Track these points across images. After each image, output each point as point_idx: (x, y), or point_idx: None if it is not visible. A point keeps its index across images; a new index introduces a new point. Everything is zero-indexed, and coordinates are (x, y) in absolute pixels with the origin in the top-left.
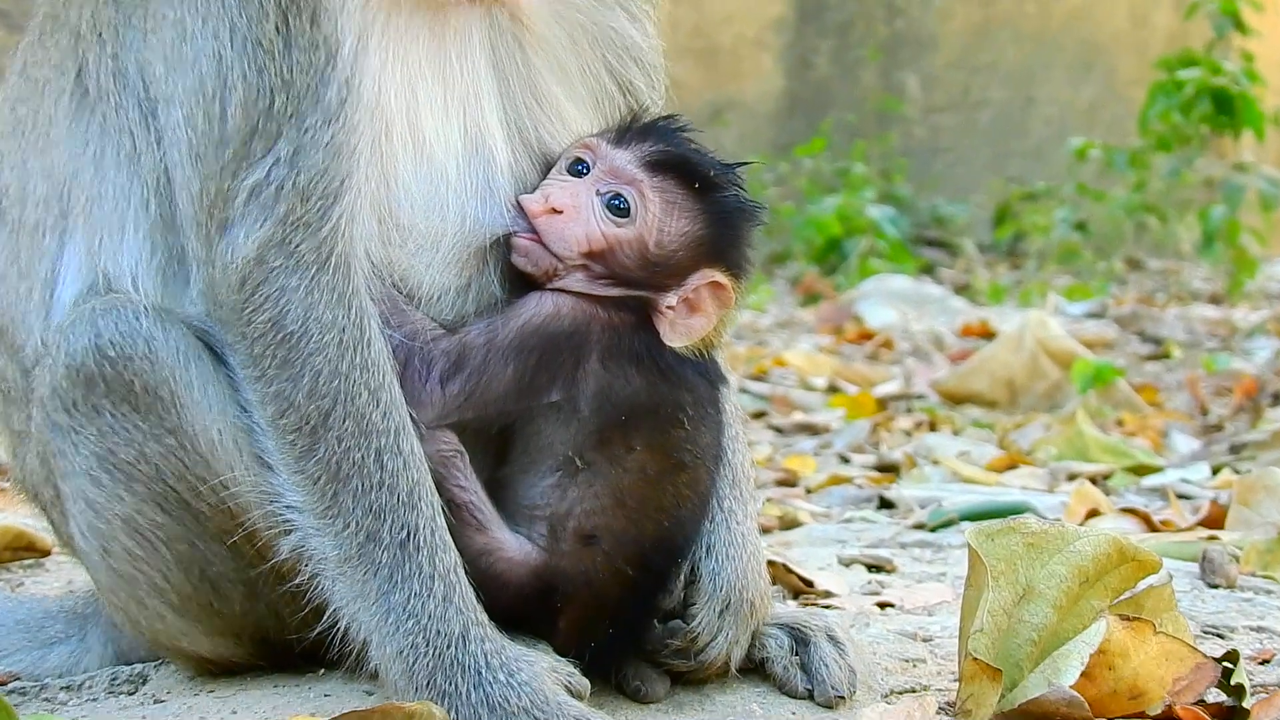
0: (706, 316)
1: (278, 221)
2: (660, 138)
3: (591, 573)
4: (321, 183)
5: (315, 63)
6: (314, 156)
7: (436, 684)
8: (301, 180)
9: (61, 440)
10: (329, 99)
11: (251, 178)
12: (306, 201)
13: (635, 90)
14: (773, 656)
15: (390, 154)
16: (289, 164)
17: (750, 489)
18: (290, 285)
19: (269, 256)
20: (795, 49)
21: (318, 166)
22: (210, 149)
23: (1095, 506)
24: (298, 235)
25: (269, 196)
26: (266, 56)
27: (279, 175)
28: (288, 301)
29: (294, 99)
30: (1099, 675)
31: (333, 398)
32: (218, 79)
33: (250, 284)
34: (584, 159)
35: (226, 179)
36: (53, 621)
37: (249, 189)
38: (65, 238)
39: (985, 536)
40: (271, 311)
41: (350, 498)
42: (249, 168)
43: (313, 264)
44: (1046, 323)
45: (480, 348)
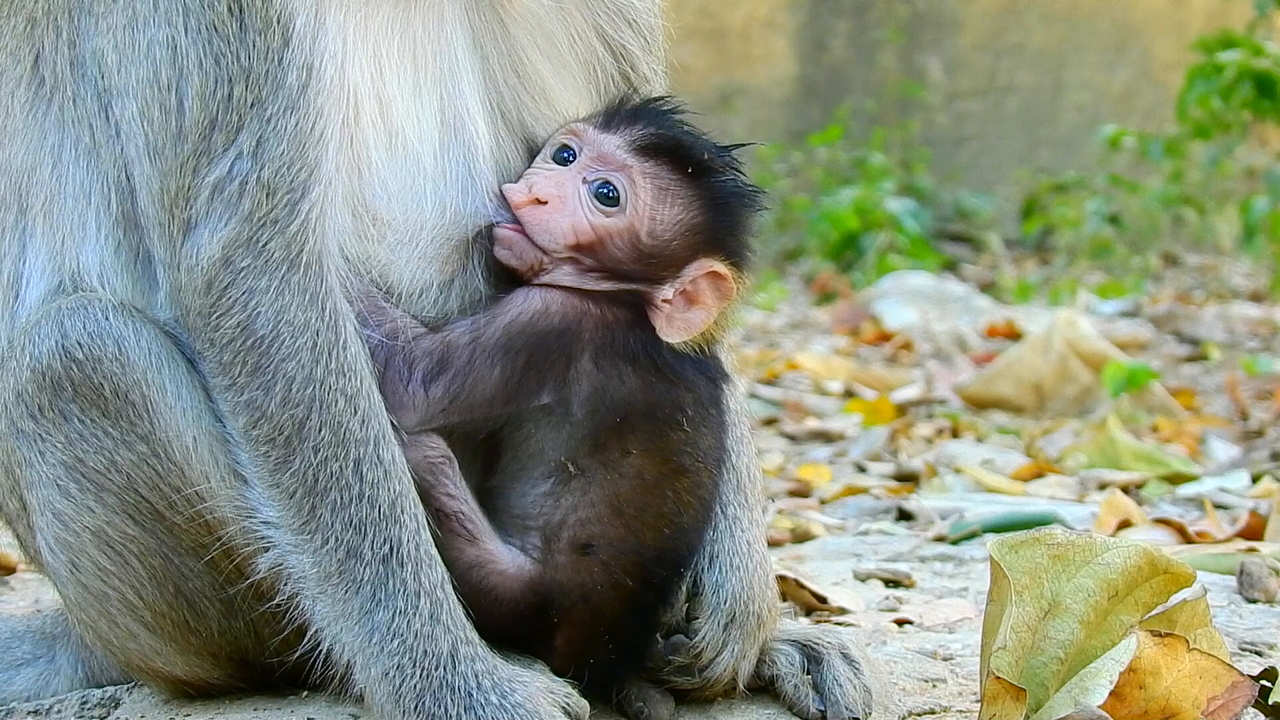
0: (706, 309)
1: (243, 219)
2: (651, 120)
3: (589, 586)
4: (288, 176)
5: (271, 45)
6: (278, 148)
7: (425, 707)
8: (266, 174)
9: (27, 448)
10: (289, 84)
11: (214, 173)
12: (273, 196)
13: (630, 55)
14: (783, 674)
15: (361, 141)
16: (252, 157)
17: (757, 494)
18: (259, 287)
19: (235, 257)
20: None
21: (283, 158)
22: (168, 144)
23: (1127, 517)
24: (265, 233)
25: (233, 193)
26: (222, 41)
27: (242, 169)
28: (257, 304)
29: (253, 86)
30: (1129, 695)
31: (307, 405)
32: (173, 68)
33: (217, 287)
34: (570, 145)
35: (187, 175)
36: (19, 642)
37: (211, 185)
38: (26, 237)
39: (1009, 549)
40: (240, 315)
41: (329, 511)
42: (210, 163)
43: (282, 263)
44: (1076, 323)
45: (465, 347)
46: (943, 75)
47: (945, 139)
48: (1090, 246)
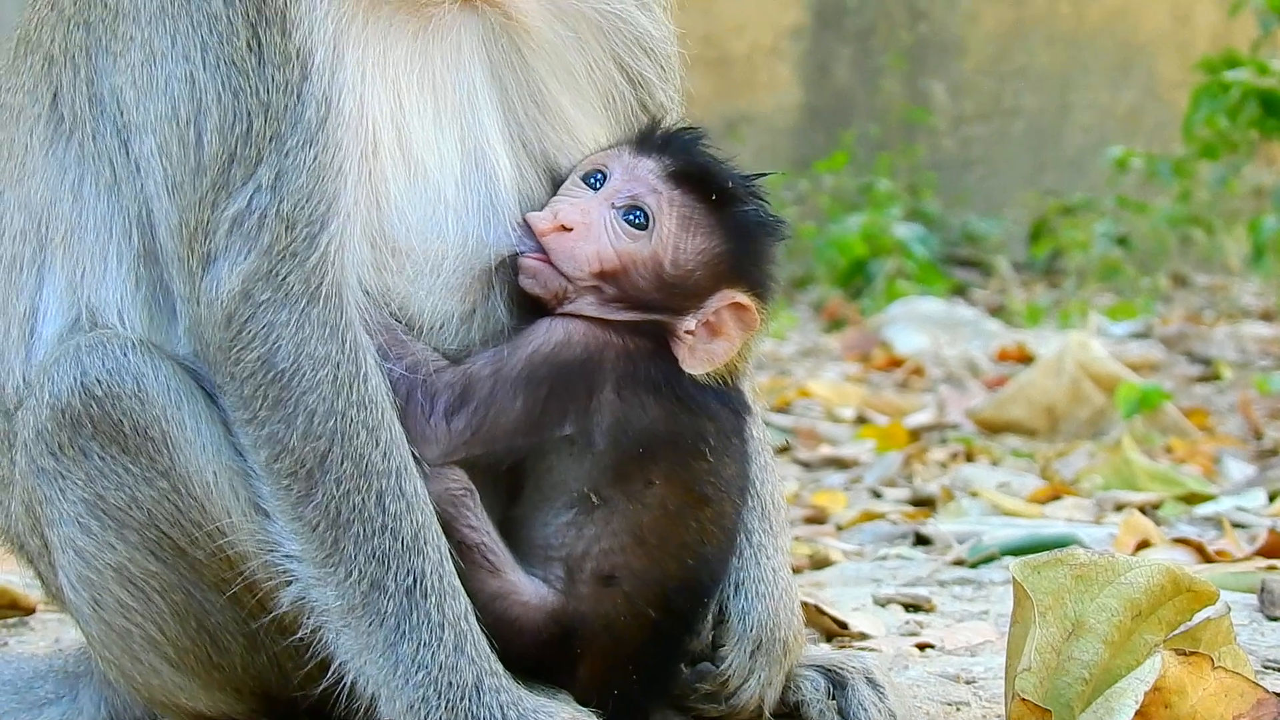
0: (729, 340)
1: (262, 253)
2: (681, 148)
3: (612, 616)
4: (307, 209)
5: (290, 79)
6: (297, 181)
7: None
8: (285, 207)
9: (48, 486)
10: (308, 118)
11: (233, 207)
12: (292, 230)
13: (648, 84)
14: (808, 700)
15: (379, 173)
16: (271, 191)
17: (781, 522)
18: (279, 320)
19: (255, 290)
20: (813, 57)
21: (302, 191)
22: (187, 178)
23: (1146, 537)
24: (284, 266)
25: (252, 226)
26: (241, 76)
27: (261, 203)
28: (277, 338)
29: (272, 120)
30: (1155, 714)
31: (329, 438)
32: (191, 103)
33: (237, 321)
34: (602, 170)
35: (206, 210)
36: (42, 681)
37: (230, 219)
38: (44, 271)
39: (1031, 569)
40: (261, 349)
41: (351, 544)
42: (229, 197)
43: (302, 296)
44: (1088, 345)
45: (487, 379)
46: (948, 99)
47: (951, 163)
48: (1100, 268)
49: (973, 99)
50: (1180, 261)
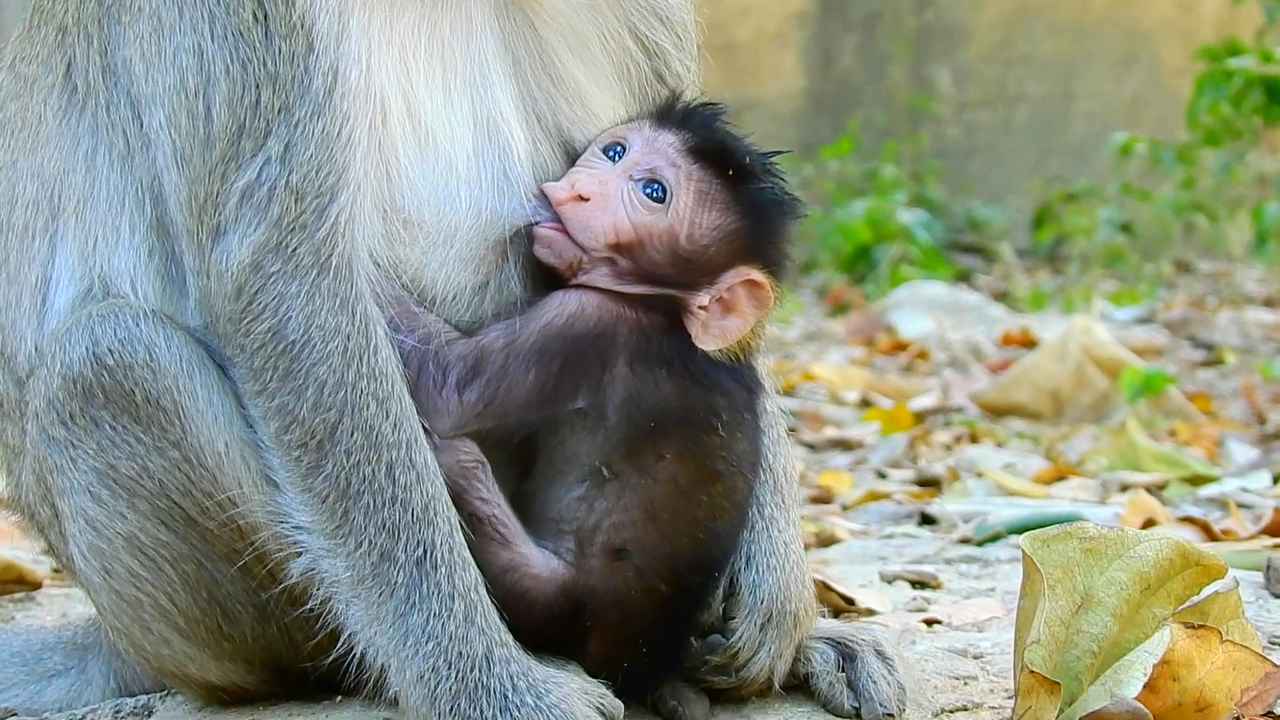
0: (743, 318)
1: (272, 224)
2: (700, 123)
3: (622, 590)
4: (316, 180)
5: (296, 50)
6: (305, 152)
7: (460, 709)
8: (294, 179)
9: (59, 455)
10: (315, 89)
11: (242, 179)
12: (301, 201)
13: (663, 53)
14: (817, 672)
15: (389, 144)
16: (280, 162)
17: (793, 495)
18: (289, 292)
19: (265, 262)
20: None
21: (311, 163)
22: (196, 151)
23: (1151, 516)
24: (294, 238)
25: (261, 198)
26: (248, 47)
27: (270, 175)
28: (287, 309)
29: (280, 91)
30: (1163, 687)
31: (339, 410)
32: (200, 75)
33: (247, 292)
34: (621, 142)
35: (216, 182)
36: (50, 653)
37: (240, 191)
38: (56, 240)
39: (1040, 543)
40: (271, 321)
41: (361, 515)
42: (239, 169)
43: (312, 268)
44: (1092, 329)
45: (499, 351)
46: (952, 86)
47: (956, 150)
48: (1103, 255)
49: (977, 86)
50: (1183, 248)
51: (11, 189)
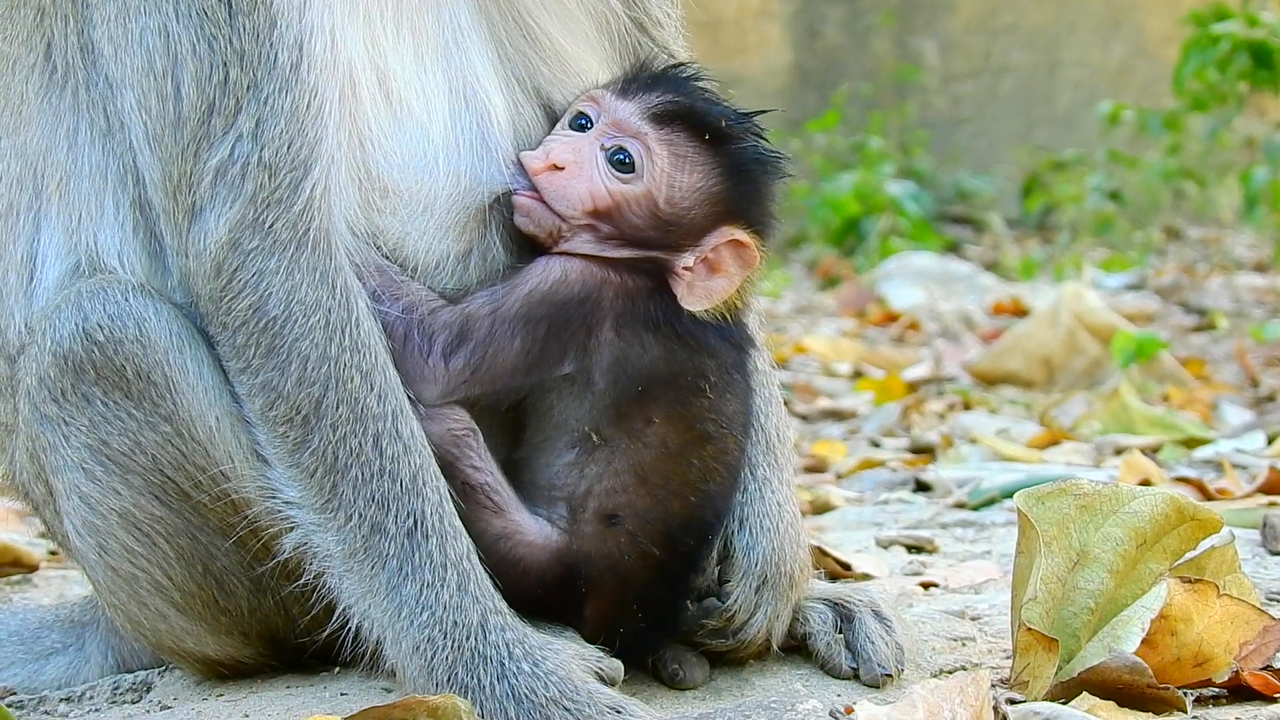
0: (728, 278)
1: (247, 201)
2: (669, 87)
3: (616, 555)
4: (288, 154)
5: (259, 25)
6: (276, 128)
7: (458, 678)
8: (267, 154)
9: (51, 433)
10: (281, 63)
11: (215, 157)
12: (275, 176)
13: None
14: (815, 631)
15: (361, 115)
16: (252, 139)
17: (786, 455)
18: (268, 268)
19: (243, 239)
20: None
21: (282, 137)
22: (167, 131)
23: (1146, 477)
24: (270, 214)
25: (235, 175)
26: (213, 25)
27: (243, 152)
28: (267, 285)
29: (248, 68)
30: (1161, 642)
31: (323, 384)
32: (166, 55)
33: (226, 270)
34: (587, 112)
35: (189, 161)
36: (48, 631)
37: (214, 170)
38: (40, 218)
39: (1035, 500)
40: (251, 297)
41: (350, 488)
42: (211, 147)
43: (290, 243)
44: (1084, 295)
45: (485, 318)
46: (938, 57)
47: (943, 121)
48: (1093, 223)
49: (962, 57)
50: (1173, 215)
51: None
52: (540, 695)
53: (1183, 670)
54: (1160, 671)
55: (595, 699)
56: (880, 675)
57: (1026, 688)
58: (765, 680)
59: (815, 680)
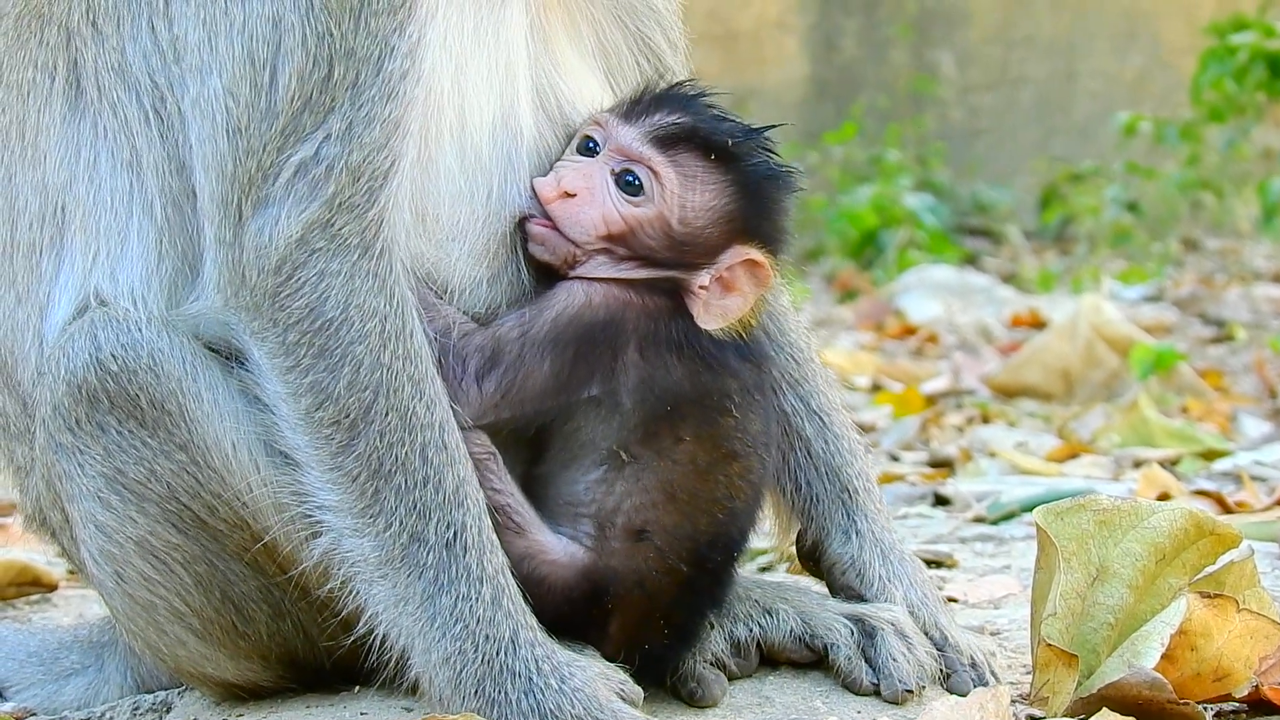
0: (743, 296)
1: (325, 202)
2: (674, 107)
3: (643, 571)
4: (373, 163)
5: (384, 29)
6: (369, 134)
7: (485, 692)
8: (354, 159)
9: (66, 461)
10: (390, 70)
11: (299, 154)
12: (356, 182)
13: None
14: (838, 644)
15: (437, 136)
16: (341, 141)
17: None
18: (331, 269)
19: (312, 238)
20: (820, 30)
21: (372, 144)
22: (254, 121)
23: (1165, 490)
24: (342, 218)
25: (319, 175)
26: (332, 20)
27: (330, 153)
28: (328, 286)
29: (354, 68)
30: (1181, 657)
31: (374, 389)
32: (272, 44)
33: (288, 267)
34: (593, 136)
35: (271, 154)
36: (67, 652)
37: (295, 166)
38: (62, 253)
39: (1054, 515)
40: (310, 297)
41: (393, 495)
42: (298, 143)
43: (355, 249)
44: (1102, 307)
45: (515, 342)
46: (955, 69)
47: (960, 133)
48: (1110, 234)
49: (980, 68)
50: (1191, 226)
51: (12, 206)
52: (566, 712)
53: (1202, 685)
54: (1180, 687)
55: (620, 718)
56: (901, 691)
57: (1046, 704)
58: (785, 697)
59: (835, 697)
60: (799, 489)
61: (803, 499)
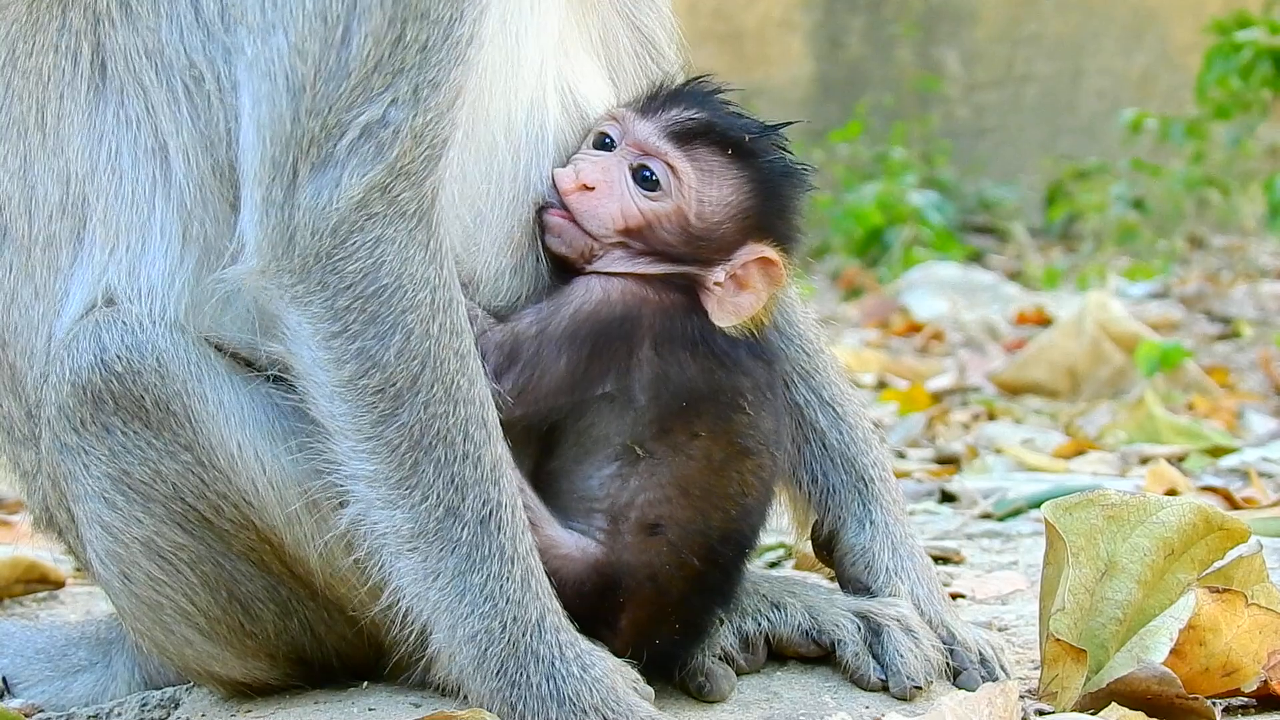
0: (755, 295)
1: (388, 166)
2: (690, 103)
3: (656, 565)
4: (434, 130)
5: None
6: (434, 99)
7: (507, 672)
8: (419, 123)
9: (71, 462)
10: (459, 36)
11: (365, 115)
12: (418, 147)
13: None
14: (845, 639)
15: (484, 112)
16: (409, 104)
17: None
18: (387, 235)
19: (372, 202)
20: (825, 28)
21: (436, 110)
22: (322, 80)
23: (1173, 487)
24: (400, 184)
25: (385, 138)
26: None
27: (397, 117)
28: (383, 252)
29: (426, 29)
30: (1189, 652)
31: (422, 360)
32: (347, 2)
33: (344, 229)
34: (609, 133)
35: (338, 113)
36: (75, 649)
37: (361, 127)
38: (80, 249)
39: (1063, 510)
40: (365, 261)
41: (432, 468)
42: (365, 103)
43: (412, 216)
44: (1108, 304)
45: (532, 339)
46: (960, 67)
47: (965, 131)
48: (1116, 231)
49: (985, 66)
50: (1196, 223)
51: (29, 197)
52: (584, 700)
53: (1211, 680)
54: (1189, 682)
55: (635, 712)
56: (909, 687)
57: (1055, 699)
58: (793, 692)
59: (843, 692)
60: (815, 480)
61: (819, 490)
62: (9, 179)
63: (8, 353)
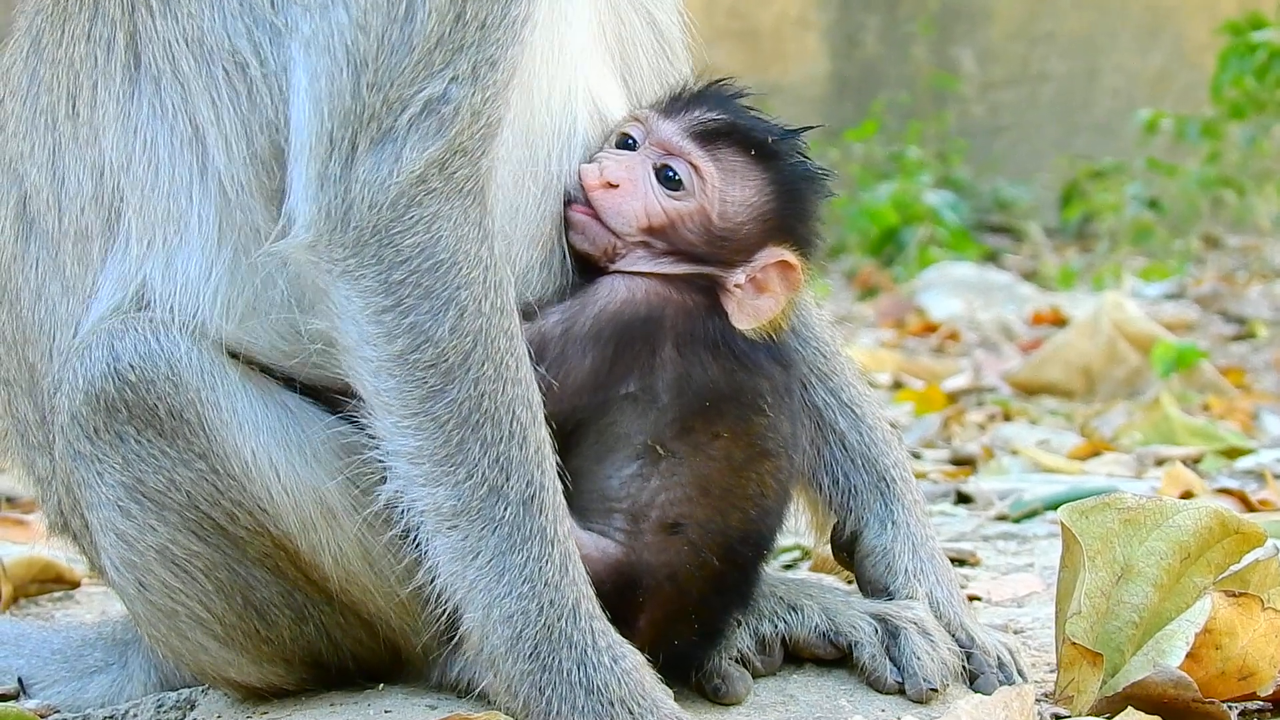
0: (774, 298)
1: (448, 142)
2: (712, 104)
3: (676, 564)
4: (492, 108)
5: None
6: (492, 76)
7: (540, 655)
8: (478, 100)
9: (85, 470)
10: (515, 15)
11: (427, 90)
12: (476, 124)
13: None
14: (862, 641)
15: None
16: (469, 81)
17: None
18: (444, 212)
19: (431, 176)
20: (841, 27)
21: (494, 88)
22: (385, 54)
23: (1188, 488)
24: (457, 160)
25: (446, 114)
26: None
27: (458, 93)
28: (440, 228)
29: (485, 7)
30: (1205, 656)
31: (474, 337)
32: None
33: (403, 203)
34: (632, 133)
35: (400, 88)
36: (91, 649)
37: (422, 102)
38: (113, 242)
39: (1079, 514)
40: (422, 236)
41: (478, 447)
42: (427, 79)
43: (467, 194)
44: (1123, 305)
45: (558, 338)
46: (976, 66)
47: (981, 130)
48: (1131, 231)
49: (1001, 65)
50: (1212, 223)
51: (59, 190)
52: (612, 691)
53: (1227, 684)
54: (1205, 686)
55: (659, 708)
56: (926, 690)
57: (1071, 702)
58: (809, 695)
59: (860, 695)
60: (836, 482)
61: (840, 492)
62: (37, 171)
63: (29, 352)
